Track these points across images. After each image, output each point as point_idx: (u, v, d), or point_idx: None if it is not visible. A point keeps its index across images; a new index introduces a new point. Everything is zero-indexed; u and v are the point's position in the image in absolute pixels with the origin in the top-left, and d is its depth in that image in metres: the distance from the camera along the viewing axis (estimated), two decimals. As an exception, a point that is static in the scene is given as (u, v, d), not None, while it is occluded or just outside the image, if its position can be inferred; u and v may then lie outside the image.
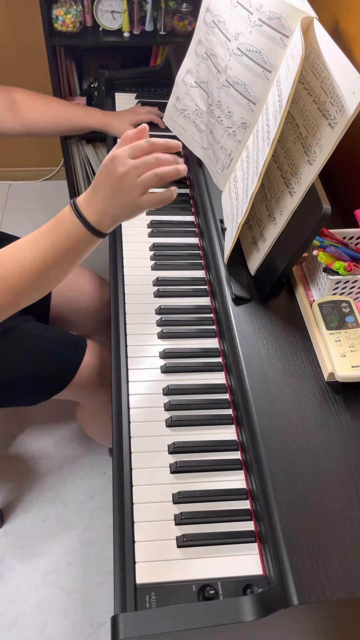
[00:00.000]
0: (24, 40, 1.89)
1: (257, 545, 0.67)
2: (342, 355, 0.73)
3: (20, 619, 1.27)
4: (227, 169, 0.97)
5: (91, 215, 0.71)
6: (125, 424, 0.78)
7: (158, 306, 0.93)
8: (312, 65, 0.72)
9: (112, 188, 0.70)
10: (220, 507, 0.70)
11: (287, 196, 0.79)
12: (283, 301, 0.85)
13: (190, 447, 0.76)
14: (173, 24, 1.70)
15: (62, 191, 2.25)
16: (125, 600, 0.61)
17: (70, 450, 1.57)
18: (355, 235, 0.85)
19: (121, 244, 1.05)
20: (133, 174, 0.69)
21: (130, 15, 1.65)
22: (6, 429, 1.60)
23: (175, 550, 0.66)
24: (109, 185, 0.70)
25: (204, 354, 0.87)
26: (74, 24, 1.64)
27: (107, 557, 1.37)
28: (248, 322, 0.81)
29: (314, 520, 0.61)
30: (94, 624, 1.28)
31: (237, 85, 0.87)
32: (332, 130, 0.68)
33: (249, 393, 0.72)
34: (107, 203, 0.71)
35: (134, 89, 1.46)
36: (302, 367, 0.76)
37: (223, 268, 0.89)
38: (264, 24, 0.79)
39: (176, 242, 1.06)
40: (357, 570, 0.58)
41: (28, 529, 1.41)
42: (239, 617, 0.57)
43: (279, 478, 0.64)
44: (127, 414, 0.79)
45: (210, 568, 0.65)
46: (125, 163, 0.69)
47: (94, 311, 1.26)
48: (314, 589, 0.56)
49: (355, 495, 0.64)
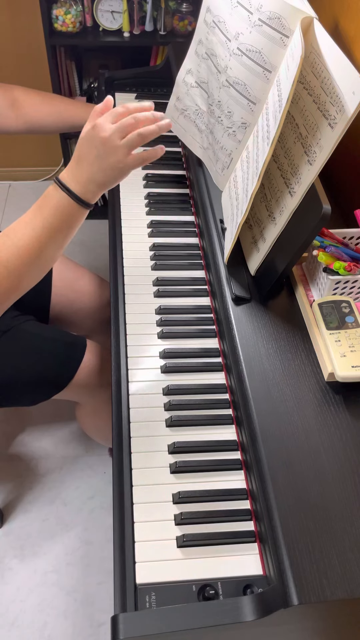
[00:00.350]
0: (24, 40, 1.89)
1: (257, 545, 0.67)
2: (342, 355, 0.73)
3: (20, 619, 1.27)
4: (227, 169, 0.97)
5: (76, 186, 0.73)
6: (125, 424, 0.78)
7: (158, 306, 0.93)
8: (312, 65, 0.72)
9: (97, 155, 0.72)
10: (220, 507, 0.70)
11: (287, 196, 0.79)
12: (283, 301, 0.85)
13: (190, 447, 0.76)
14: (173, 24, 1.70)
15: (62, 191, 2.25)
16: (125, 600, 0.61)
17: (70, 450, 1.57)
18: (355, 235, 0.85)
19: (121, 244, 1.05)
20: (116, 136, 0.71)
21: (130, 15, 1.65)
22: (6, 429, 1.60)
23: (175, 550, 0.66)
24: (94, 152, 0.72)
25: (204, 354, 0.87)
26: (74, 24, 1.64)
27: (107, 557, 1.37)
28: (248, 322, 0.81)
29: (314, 520, 0.61)
30: (94, 624, 1.28)
31: (237, 85, 0.87)
32: (332, 130, 0.68)
33: (249, 393, 0.72)
34: (92, 169, 0.72)
35: (134, 89, 1.46)
36: (302, 367, 0.76)
37: (223, 268, 0.89)
38: (264, 24, 0.79)
39: (176, 242, 1.06)
40: (357, 570, 0.58)
41: (28, 529, 1.41)
42: (238, 617, 0.57)
43: (279, 478, 0.64)
44: (127, 414, 0.79)
45: (210, 568, 0.65)
46: (107, 128, 0.71)
47: (94, 311, 1.26)
48: (314, 589, 0.56)
49: (355, 495, 0.64)
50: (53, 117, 1.21)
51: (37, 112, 1.19)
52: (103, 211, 2.27)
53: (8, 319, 1.05)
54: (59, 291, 1.20)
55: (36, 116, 1.19)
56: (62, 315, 1.22)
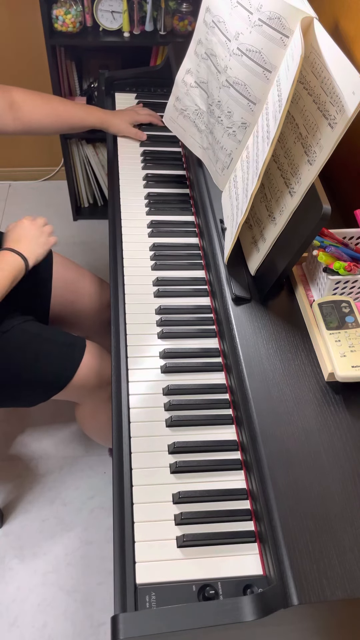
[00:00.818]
0: (24, 40, 1.90)
1: (257, 545, 0.67)
2: (342, 355, 0.73)
3: (20, 619, 1.27)
4: (227, 169, 0.97)
5: None
6: (125, 424, 0.78)
7: (158, 306, 0.93)
8: (312, 65, 0.72)
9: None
10: (220, 507, 0.70)
11: (287, 196, 0.78)
12: (283, 301, 0.85)
13: (190, 447, 0.75)
14: (173, 24, 1.70)
15: (62, 191, 2.25)
16: (125, 600, 0.61)
17: (70, 450, 1.57)
18: (355, 235, 0.85)
19: (121, 244, 1.05)
20: None
21: (130, 15, 1.65)
22: (6, 429, 1.60)
23: (175, 550, 0.66)
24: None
25: (204, 354, 0.87)
26: (74, 24, 1.64)
27: (107, 557, 1.37)
28: (248, 322, 0.81)
29: (314, 520, 0.61)
30: (94, 624, 1.28)
31: (237, 85, 0.87)
32: (332, 130, 0.68)
33: (249, 393, 0.72)
34: None
35: (134, 89, 1.46)
36: (302, 367, 0.76)
37: (223, 268, 0.89)
38: (264, 24, 0.79)
39: (176, 242, 1.06)
40: (357, 570, 0.58)
41: (28, 529, 1.41)
42: (239, 617, 0.57)
43: (278, 478, 0.64)
44: (127, 414, 0.79)
45: (210, 568, 0.65)
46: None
47: (94, 312, 1.26)
48: (314, 589, 0.56)
49: (355, 495, 0.64)
50: (51, 118, 1.21)
51: (35, 113, 1.19)
52: (103, 211, 2.28)
53: (8, 319, 1.05)
54: (59, 292, 1.20)
55: (34, 117, 1.19)
56: (62, 315, 1.22)
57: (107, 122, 1.26)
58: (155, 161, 1.25)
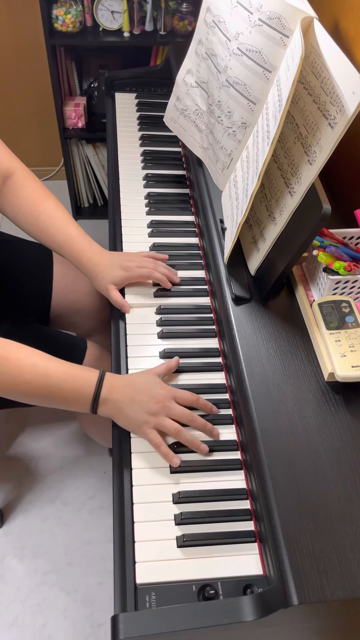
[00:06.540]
0: (24, 40, 1.89)
1: (257, 545, 0.67)
2: (342, 355, 0.73)
3: (20, 619, 1.27)
4: (227, 169, 0.97)
5: (105, 393, 0.75)
6: (125, 424, 0.78)
7: (158, 306, 0.93)
8: (312, 65, 0.72)
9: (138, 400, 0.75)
10: (220, 507, 0.70)
11: (287, 196, 0.78)
12: (283, 301, 0.85)
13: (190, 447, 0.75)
14: (173, 24, 1.70)
15: (62, 191, 2.25)
16: (125, 600, 0.61)
17: (70, 450, 1.57)
18: (355, 235, 0.85)
19: (121, 244, 1.05)
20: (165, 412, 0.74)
21: (130, 15, 1.65)
22: (6, 429, 1.60)
23: (175, 550, 0.66)
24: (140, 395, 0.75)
25: (204, 354, 0.87)
26: (74, 24, 1.64)
27: (107, 557, 1.37)
28: (248, 322, 0.81)
29: (314, 520, 0.61)
30: (94, 624, 1.28)
31: (237, 85, 0.87)
32: (332, 130, 0.68)
33: (249, 393, 0.72)
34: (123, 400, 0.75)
35: (134, 89, 1.46)
36: (302, 367, 0.76)
37: (223, 268, 0.89)
38: (264, 24, 0.79)
39: (176, 242, 1.06)
40: (357, 570, 0.58)
41: (28, 529, 1.41)
42: (239, 617, 0.57)
43: (279, 478, 0.64)
44: (127, 414, 0.79)
45: (210, 568, 0.65)
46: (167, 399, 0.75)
47: (95, 312, 1.26)
48: (314, 589, 0.56)
49: (355, 495, 0.64)
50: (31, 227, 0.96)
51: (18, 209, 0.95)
52: (103, 211, 2.28)
53: (10, 322, 1.05)
54: (59, 292, 1.20)
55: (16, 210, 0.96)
56: (62, 316, 1.22)
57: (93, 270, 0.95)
58: (156, 161, 1.25)
